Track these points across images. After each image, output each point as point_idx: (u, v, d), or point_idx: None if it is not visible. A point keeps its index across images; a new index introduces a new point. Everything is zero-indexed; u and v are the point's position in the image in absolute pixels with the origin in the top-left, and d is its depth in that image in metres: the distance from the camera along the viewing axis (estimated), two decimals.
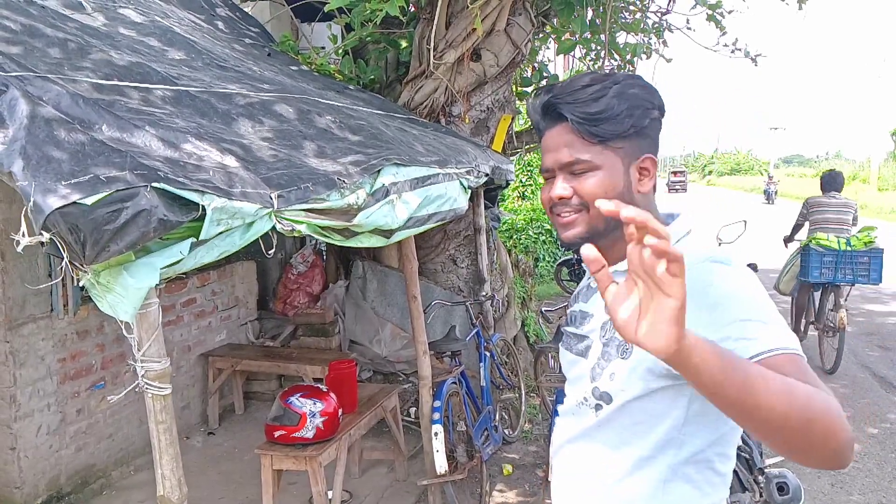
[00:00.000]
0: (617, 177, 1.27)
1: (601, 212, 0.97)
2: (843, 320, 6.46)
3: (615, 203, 0.92)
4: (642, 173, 1.30)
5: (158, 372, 1.83)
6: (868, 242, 6.43)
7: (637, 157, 1.28)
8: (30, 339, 3.98)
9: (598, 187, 1.26)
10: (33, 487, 4.01)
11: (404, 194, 2.66)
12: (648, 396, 1.24)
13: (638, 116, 1.25)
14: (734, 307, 1.15)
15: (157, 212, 1.60)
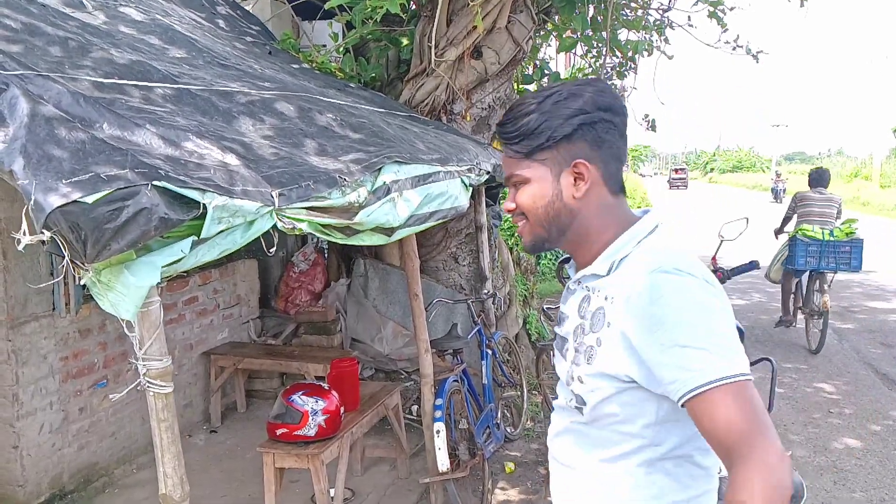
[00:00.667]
0: (545, 187, 1.33)
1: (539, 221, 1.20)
2: (826, 304, 7.00)
3: None
4: (577, 178, 1.32)
5: (160, 370, 1.83)
6: (849, 233, 6.98)
7: (567, 164, 1.32)
8: (32, 338, 3.98)
9: (529, 198, 1.34)
10: (36, 486, 4.02)
11: (405, 192, 2.66)
12: (616, 399, 1.28)
13: (556, 127, 1.29)
14: (676, 329, 1.17)
15: (157, 210, 1.60)
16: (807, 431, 5.38)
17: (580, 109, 1.30)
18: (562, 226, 1.35)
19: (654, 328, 1.19)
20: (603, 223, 1.35)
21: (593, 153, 1.32)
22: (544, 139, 1.30)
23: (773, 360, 3.85)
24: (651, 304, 1.20)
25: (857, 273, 7.39)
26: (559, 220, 1.35)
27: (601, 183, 1.34)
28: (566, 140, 1.31)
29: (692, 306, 1.19)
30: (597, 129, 1.31)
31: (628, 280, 1.27)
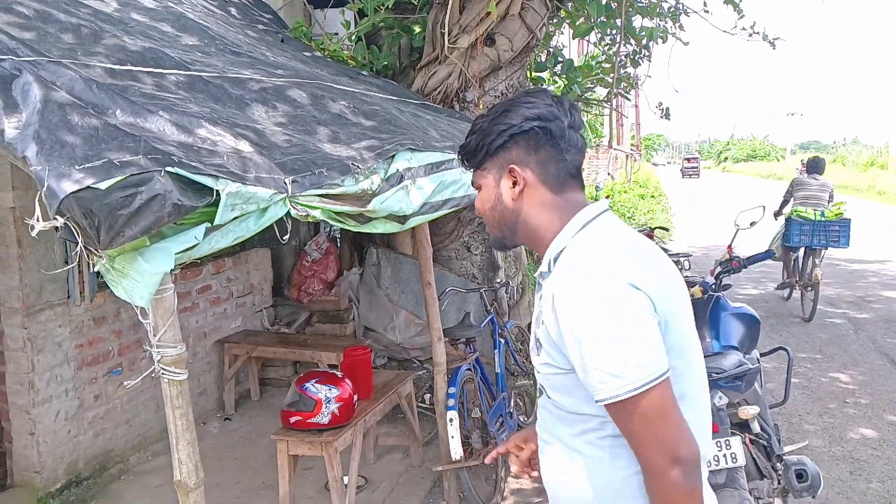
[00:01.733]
0: (489, 192, 1.51)
1: (491, 223, 1.51)
2: (817, 277, 7.97)
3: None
4: (514, 182, 1.47)
5: (174, 357, 1.83)
6: (838, 214, 8.01)
7: (504, 170, 1.48)
8: (47, 326, 4.01)
9: (479, 202, 1.54)
10: (52, 472, 4.06)
11: (419, 180, 2.64)
12: (564, 384, 1.40)
13: (489, 143, 1.47)
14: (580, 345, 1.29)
15: (171, 196, 1.59)
16: (822, 421, 5.34)
17: (509, 123, 1.45)
18: (510, 225, 1.51)
19: (565, 337, 1.32)
20: (546, 220, 1.47)
21: (528, 157, 1.46)
22: (481, 155, 1.49)
23: (790, 350, 3.82)
24: (562, 314, 1.32)
25: (846, 249, 8.40)
26: (505, 220, 1.51)
27: (538, 183, 1.46)
28: (501, 150, 1.47)
29: (594, 320, 1.28)
30: (528, 137, 1.45)
31: (555, 280, 1.38)
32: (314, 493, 4.19)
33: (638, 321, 1.28)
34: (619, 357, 1.26)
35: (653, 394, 1.26)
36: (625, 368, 1.25)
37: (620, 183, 20.79)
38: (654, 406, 1.26)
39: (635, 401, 1.26)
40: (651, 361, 1.26)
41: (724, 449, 2.91)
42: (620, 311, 1.28)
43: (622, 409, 1.28)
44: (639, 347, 1.27)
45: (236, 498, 4.20)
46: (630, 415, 1.27)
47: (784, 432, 4.81)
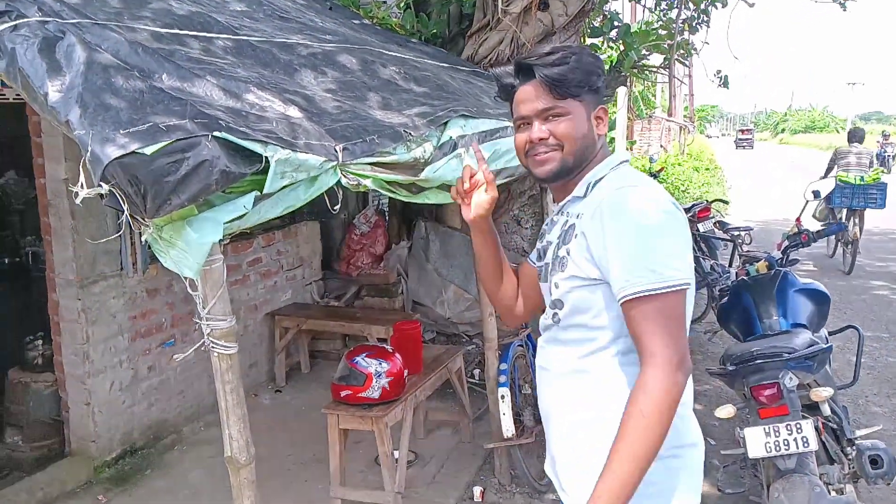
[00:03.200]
0: (583, 122, 1.59)
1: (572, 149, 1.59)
2: (856, 234, 8.99)
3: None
4: (598, 120, 1.62)
5: (224, 330, 1.77)
6: (876, 179, 9.08)
7: (594, 107, 1.62)
8: (101, 297, 4.05)
9: (571, 129, 1.58)
10: (108, 441, 4.12)
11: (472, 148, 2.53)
12: (586, 296, 1.51)
13: (592, 81, 1.58)
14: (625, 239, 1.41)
15: (219, 163, 1.51)
16: (891, 403, 5.10)
17: (602, 70, 1.62)
18: (587, 155, 1.61)
19: (608, 236, 1.43)
20: (599, 155, 1.64)
21: (604, 100, 1.66)
22: (585, 86, 1.57)
23: (860, 329, 3.61)
24: (611, 214, 1.44)
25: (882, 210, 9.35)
26: (587, 151, 1.61)
27: (603, 125, 1.64)
28: (596, 90, 1.61)
29: (645, 219, 1.41)
30: (603, 87, 1.64)
31: (598, 197, 1.52)
32: (364, 466, 4.17)
33: (682, 234, 1.44)
34: (662, 256, 1.38)
35: (678, 297, 1.39)
36: (664, 268, 1.38)
37: (674, 155, 20.21)
38: (675, 307, 1.39)
39: (663, 298, 1.37)
40: (684, 269, 1.40)
41: (794, 433, 2.76)
42: (672, 220, 1.43)
43: (647, 304, 1.37)
44: (679, 255, 1.40)
45: (287, 471, 4.21)
46: (653, 311, 1.37)
47: (851, 414, 4.59)
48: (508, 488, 3.92)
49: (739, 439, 3.00)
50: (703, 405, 5.06)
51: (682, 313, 1.41)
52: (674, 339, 1.37)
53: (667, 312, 1.37)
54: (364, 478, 4.04)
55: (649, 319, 1.37)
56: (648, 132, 23.05)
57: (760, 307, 3.60)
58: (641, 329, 1.39)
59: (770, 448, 2.78)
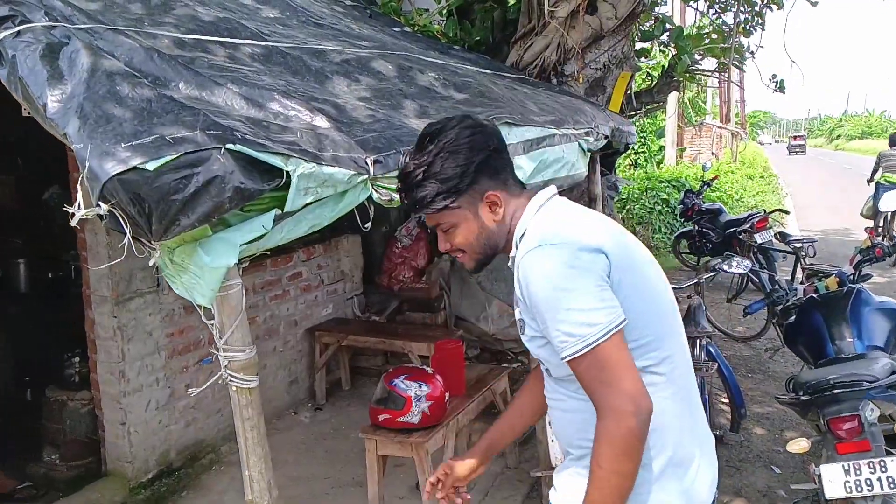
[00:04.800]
0: (471, 225, 1.57)
1: (476, 249, 1.59)
2: None
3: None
4: (492, 206, 1.56)
5: (243, 362, 1.62)
6: None
7: (480, 199, 1.55)
8: (137, 315, 3.96)
9: (464, 237, 1.58)
10: (144, 462, 4.02)
11: (516, 158, 2.34)
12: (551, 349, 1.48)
13: (454, 184, 1.51)
14: (544, 308, 1.42)
15: (232, 178, 1.36)
16: None
17: (471, 160, 1.51)
18: (496, 243, 1.60)
19: (532, 306, 1.46)
20: (518, 220, 1.58)
21: (493, 181, 1.56)
22: (451, 195, 1.52)
23: None
24: (526, 286, 1.46)
25: None
26: (492, 242, 1.60)
27: (507, 196, 1.58)
28: (472, 185, 1.53)
29: (550, 285, 1.41)
30: (488, 164, 1.54)
31: (519, 256, 1.52)
32: (405, 492, 3.99)
33: (587, 280, 1.41)
34: (574, 318, 1.38)
35: (605, 345, 1.37)
36: (579, 328, 1.38)
37: (726, 162, 19.65)
38: (607, 356, 1.38)
39: (590, 354, 1.37)
40: (599, 317, 1.38)
41: (878, 471, 2.47)
42: (572, 272, 1.41)
43: (580, 364, 1.40)
44: (588, 307, 1.38)
45: (326, 494, 4.06)
46: (589, 367, 1.39)
47: None
48: None
49: (814, 476, 2.72)
50: (765, 429, 4.74)
51: (618, 356, 1.39)
52: (614, 387, 1.38)
53: (599, 365, 1.39)
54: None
55: (587, 377, 1.41)
56: (699, 139, 22.50)
57: (832, 327, 3.31)
58: (585, 385, 1.43)
59: (850, 488, 2.50)
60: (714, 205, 9.49)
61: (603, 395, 1.38)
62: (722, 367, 3.79)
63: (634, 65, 5.30)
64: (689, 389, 1.58)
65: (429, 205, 1.52)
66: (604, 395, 1.38)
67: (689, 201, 9.21)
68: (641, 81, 7.42)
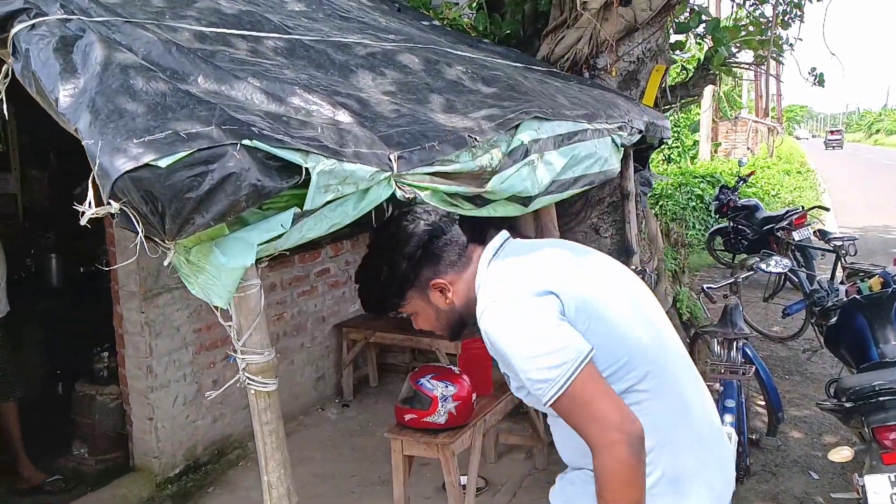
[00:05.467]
0: (427, 311, 1.69)
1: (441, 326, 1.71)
2: None
3: None
4: (439, 292, 1.65)
5: (261, 365, 1.57)
6: None
7: (426, 289, 1.65)
8: (165, 310, 3.97)
9: (424, 322, 1.72)
10: (171, 457, 4.03)
11: (546, 154, 2.26)
12: (534, 398, 1.48)
13: (396, 287, 1.65)
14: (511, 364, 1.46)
15: (248, 175, 1.30)
16: None
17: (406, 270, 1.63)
18: (457, 320, 1.68)
19: (503, 362, 1.51)
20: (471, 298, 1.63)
21: (434, 269, 1.64)
22: (401, 299, 1.67)
23: None
24: (490, 345, 1.50)
25: None
26: (452, 319, 1.69)
27: (455, 275, 1.66)
28: (413, 282, 1.64)
29: (509, 341, 1.44)
30: (425, 259, 1.63)
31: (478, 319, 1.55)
32: (431, 492, 3.94)
33: (540, 324, 1.43)
34: (539, 367, 1.39)
35: (577, 382, 1.38)
36: (547, 373, 1.38)
37: (762, 158, 19.23)
38: (581, 391, 1.38)
39: (565, 395, 1.38)
40: (565, 357, 1.38)
41: None
42: (525, 325, 1.43)
43: (560, 406, 1.41)
44: (547, 352, 1.39)
45: (351, 492, 4.03)
46: (569, 407, 1.40)
47: None
48: None
49: (857, 486, 2.60)
50: (803, 433, 4.60)
51: (593, 388, 1.39)
52: (599, 421, 1.37)
53: (577, 402, 1.39)
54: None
55: (571, 417, 1.42)
56: (734, 134, 22.06)
57: (877, 330, 3.18)
58: (572, 425, 1.43)
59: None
60: (750, 201, 9.28)
61: (590, 433, 1.37)
62: (759, 370, 3.66)
63: (669, 58, 5.16)
64: (684, 400, 1.55)
65: (385, 306, 1.69)
66: (591, 433, 1.37)
67: (725, 197, 9.01)
68: (676, 75, 7.25)
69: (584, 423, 1.38)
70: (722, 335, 3.61)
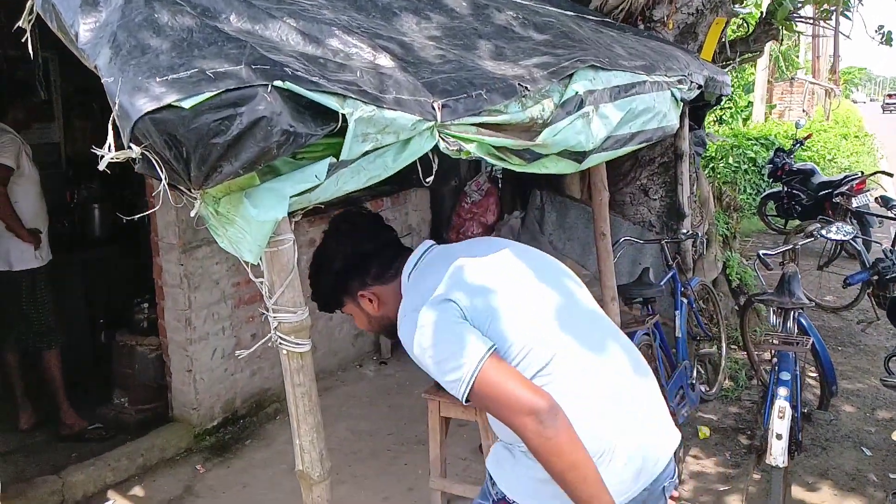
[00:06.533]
0: (361, 314, 1.83)
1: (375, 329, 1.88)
2: None
3: None
4: (371, 301, 1.78)
5: (294, 325, 1.49)
6: None
7: (355, 297, 1.80)
8: (204, 263, 3.94)
9: (360, 323, 1.87)
10: (209, 409, 4.04)
11: (602, 107, 2.10)
12: None
13: (334, 297, 1.83)
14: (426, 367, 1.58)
15: (280, 120, 1.19)
16: None
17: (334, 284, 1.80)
18: (389, 323, 1.75)
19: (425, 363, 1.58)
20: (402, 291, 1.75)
21: (360, 281, 1.78)
22: (335, 303, 1.84)
23: None
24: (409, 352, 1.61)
25: None
26: (385, 323, 1.80)
27: (382, 286, 1.78)
28: (345, 291, 1.80)
29: (421, 347, 1.54)
30: (350, 272, 1.78)
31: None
32: (468, 453, 3.89)
33: (443, 329, 1.54)
34: (448, 368, 1.50)
35: (483, 375, 1.47)
36: (455, 373, 1.49)
37: (817, 121, 18.46)
38: (488, 384, 1.47)
39: (475, 391, 1.48)
40: (466, 356, 1.48)
41: None
42: (430, 333, 1.54)
43: (476, 401, 1.51)
44: (453, 353, 1.50)
45: (387, 450, 4.00)
46: (481, 400, 1.50)
47: None
48: None
49: None
50: (856, 407, 4.42)
51: (497, 377, 1.47)
52: (510, 406, 1.45)
53: (486, 394, 1.48)
54: (466, 466, 3.76)
55: (486, 408, 1.55)
56: (790, 95, 21.20)
57: None
58: (491, 415, 1.57)
59: None
60: (806, 165, 8.90)
61: (507, 420, 1.47)
62: (815, 342, 3.49)
63: (730, 10, 4.87)
64: (601, 376, 1.61)
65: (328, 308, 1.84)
66: (508, 421, 1.47)
67: (780, 161, 8.66)
68: (736, 29, 6.89)
69: (498, 413, 1.49)
70: (778, 304, 3.43)
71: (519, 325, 1.57)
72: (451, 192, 6.07)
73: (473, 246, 1.79)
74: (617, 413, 1.58)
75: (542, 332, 1.58)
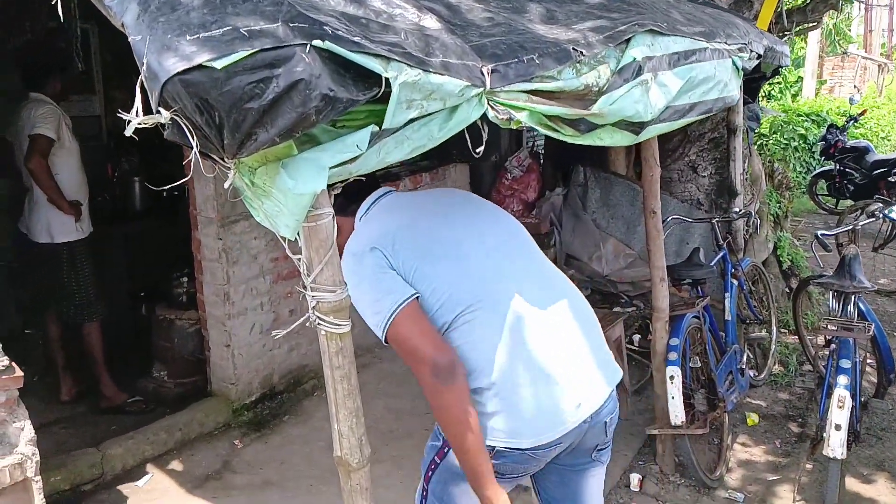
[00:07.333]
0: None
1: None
2: None
3: None
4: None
5: (333, 304, 1.40)
6: None
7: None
8: (242, 238, 3.90)
9: None
10: (247, 385, 4.03)
11: (661, 74, 1.96)
12: None
13: None
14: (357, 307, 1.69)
15: (319, 84, 1.10)
16: None
17: None
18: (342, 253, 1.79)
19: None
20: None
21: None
22: None
23: None
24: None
25: None
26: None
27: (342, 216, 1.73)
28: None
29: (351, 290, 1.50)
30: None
31: None
32: None
33: (370, 279, 1.70)
34: (369, 311, 1.68)
35: (396, 323, 1.64)
36: (374, 316, 1.67)
37: (870, 97, 17.76)
38: (400, 332, 1.65)
39: (390, 336, 1.66)
40: (385, 304, 1.65)
41: None
42: (357, 279, 1.67)
43: (392, 343, 1.67)
44: (375, 299, 1.67)
45: (424, 430, 3.94)
46: (395, 344, 1.67)
47: None
48: (672, 479, 3.40)
49: None
50: None
51: (409, 329, 1.64)
52: (413, 353, 1.64)
53: (398, 339, 1.66)
54: None
55: (398, 351, 1.69)
56: (841, 70, 20.42)
57: None
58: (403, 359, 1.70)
59: None
60: (860, 142, 8.55)
61: (410, 365, 1.66)
62: (875, 328, 3.31)
63: None
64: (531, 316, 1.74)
65: None
66: (411, 365, 1.66)
67: (833, 138, 8.33)
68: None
69: (406, 357, 1.67)
70: (838, 287, 3.25)
71: (445, 270, 1.73)
72: (491, 168, 5.94)
73: (424, 196, 1.98)
74: (547, 347, 1.72)
75: (462, 282, 1.73)
